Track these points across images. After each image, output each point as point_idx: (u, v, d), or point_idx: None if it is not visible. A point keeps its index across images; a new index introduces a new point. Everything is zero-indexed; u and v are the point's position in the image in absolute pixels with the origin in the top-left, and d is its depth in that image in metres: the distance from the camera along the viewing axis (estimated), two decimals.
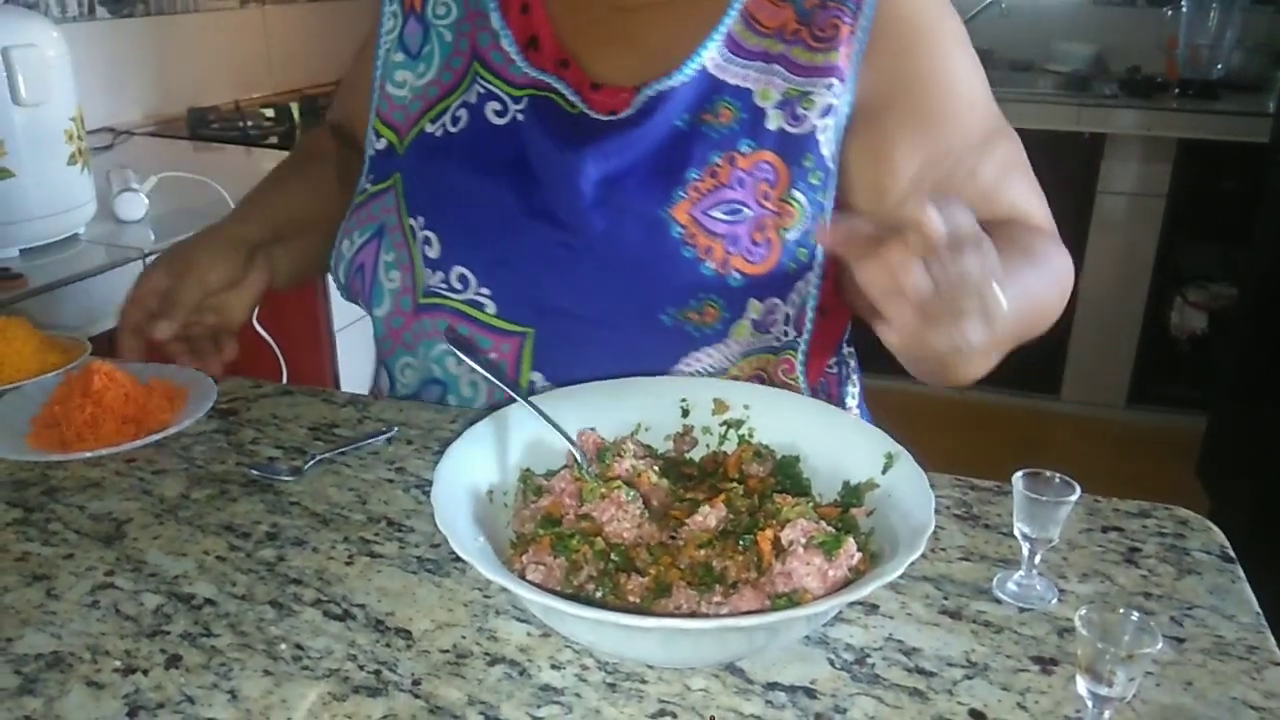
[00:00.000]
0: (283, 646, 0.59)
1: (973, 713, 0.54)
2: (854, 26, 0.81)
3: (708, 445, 0.74)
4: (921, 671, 0.57)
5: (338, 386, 1.90)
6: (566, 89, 0.86)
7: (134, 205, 1.54)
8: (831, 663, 0.58)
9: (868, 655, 0.58)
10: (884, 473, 0.64)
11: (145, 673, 0.57)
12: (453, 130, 0.88)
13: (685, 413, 0.75)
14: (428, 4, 0.91)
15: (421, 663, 0.58)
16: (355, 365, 1.92)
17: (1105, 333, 3.09)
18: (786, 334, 0.83)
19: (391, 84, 0.92)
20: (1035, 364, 3.01)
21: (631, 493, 0.62)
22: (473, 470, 0.65)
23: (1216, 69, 3.08)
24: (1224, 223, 2.90)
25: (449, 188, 0.86)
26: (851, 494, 0.65)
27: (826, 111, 0.81)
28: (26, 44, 1.35)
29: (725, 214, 0.80)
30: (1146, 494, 0.78)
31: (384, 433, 0.84)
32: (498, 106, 0.87)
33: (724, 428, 0.74)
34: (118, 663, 0.57)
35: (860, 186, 0.84)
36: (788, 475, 0.68)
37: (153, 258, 1.43)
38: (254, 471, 0.77)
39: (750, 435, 0.73)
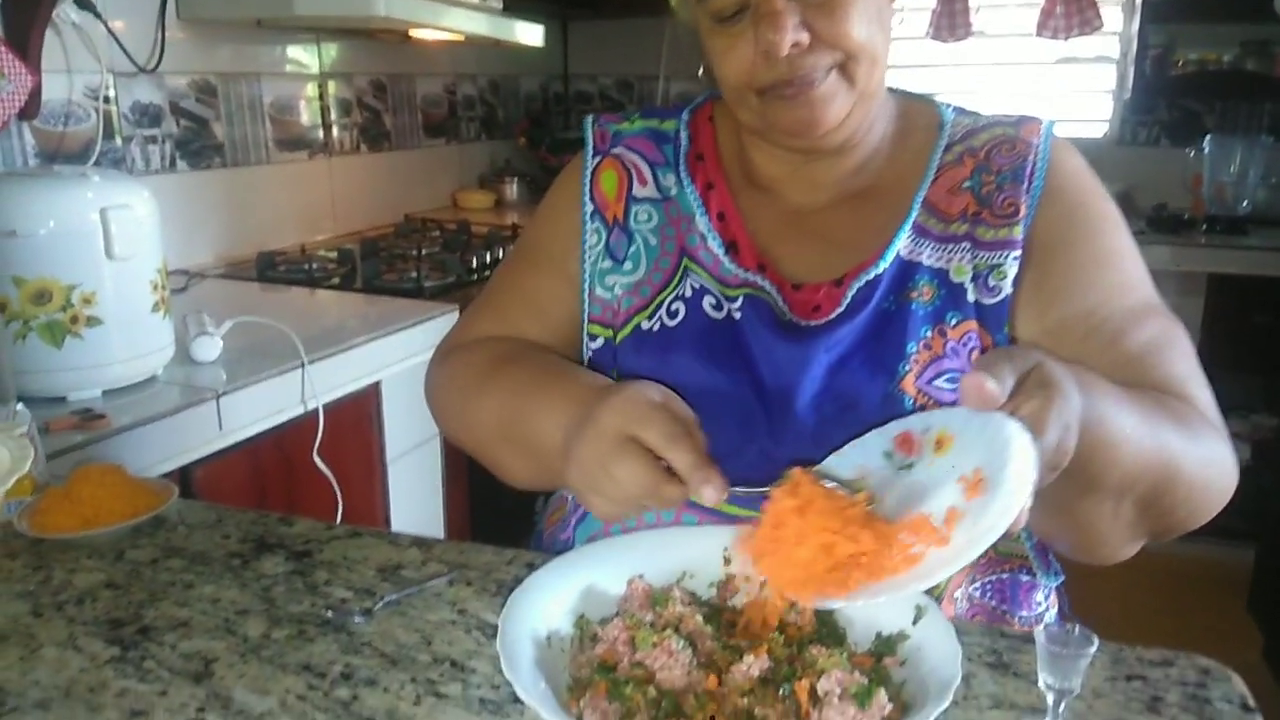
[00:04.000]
0: None
1: None
2: (1028, 200, 0.89)
3: (748, 593, 0.79)
4: None
5: (389, 516, 1.97)
6: (772, 289, 0.92)
7: (209, 348, 1.64)
8: None
9: None
10: (914, 624, 0.69)
11: None
12: (670, 323, 0.93)
13: (727, 561, 0.80)
14: (629, 215, 0.98)
15: None
16: (406, 495, 1.99)
17: None
18: None
19: (601, 288, 0.97)
20: None
21: (682, 641, 0.67)
22: (533, 618, 0.71)
23: (1242, 205, 3.17)
24: (1259, 354, 2.93)
25: (673, 379, 0.87)
26: (884, 645, 0.70)
27: (1017, 280, 0.88)
28: (121, 205, 1.48)
29: (948, 383, 0.86)
30: (1197, 632, 0.81)
31: (446, 574, 0.90)
32: (713, 301, 0.92)
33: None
34: None
35: (1019, 327, 0.89)
36: (825, 623, 0.73)
37: (224, 397, 1.53)
38: (329, 613, 0.83)
39: None
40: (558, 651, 0.71)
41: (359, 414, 1.86)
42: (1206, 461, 0.81)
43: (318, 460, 1.72)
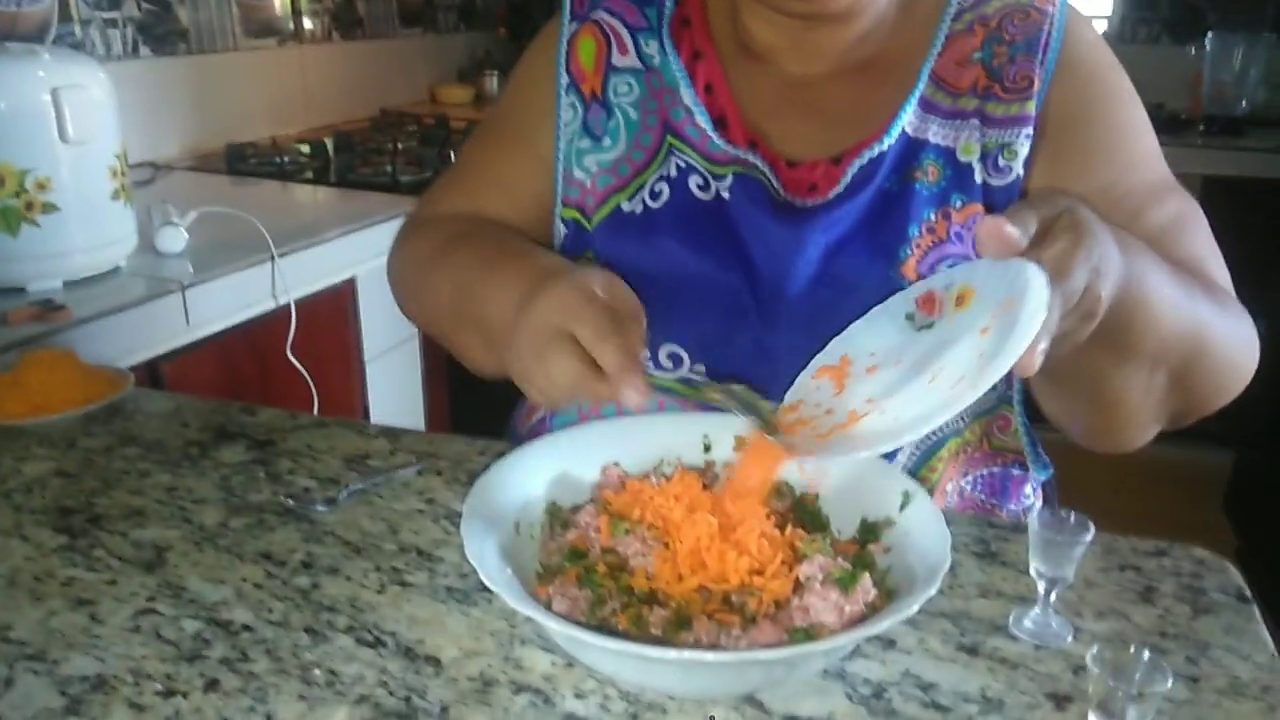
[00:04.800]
0: (316, 672, 0.61)
1: None
2: (1042, 72, 0.82)
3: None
4: (938, 706, 0.58)
5: (368, 416, 1.93)
6: (765, 167, 0.86)
7: (174, 239, 1.58)
8: (849, 696, 0.59)
9: (885, 690, 0.60)
10: (901, 510, 0.66)
11: (185, 696, 0.59)
12: (653, 205, 0.87)
13: (707, 448, 0.76)
14: (608, 87, 0.91)
15: (449, 690, 0.60)
16: (385, 395, 1.95)
17: None
18: (997, 387, 0.85)
19: (579, 169, 0.90)
20: None
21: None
22: (500, 503, 0.67)
23: (1241, 105, 3.09)
24: (1251, 259, 2.88)
25: (655, 265, 0.84)
26: (869, 531, 0.66)
27: (1027, 161, 0.82)
28: (75, 85, 1.40)
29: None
30: (1174, 531, 0.79)
31: (414, 464, 0.86)
32: (700, 181, 0.86)
33: None
34: (159, 686, 0.60)
35: None
36: (806, 512, 0.70)
37: (191, 290, 1.48)
38: (290, 501, 0.80)
39: None
40: (527, 539, 0.68)
41: (334, 310, 1.81)
42: (1234, 335, 0.77)
43: (291, 357, 1.67)
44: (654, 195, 0.87)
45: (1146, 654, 0.52)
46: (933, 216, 0.82)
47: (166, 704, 0.58)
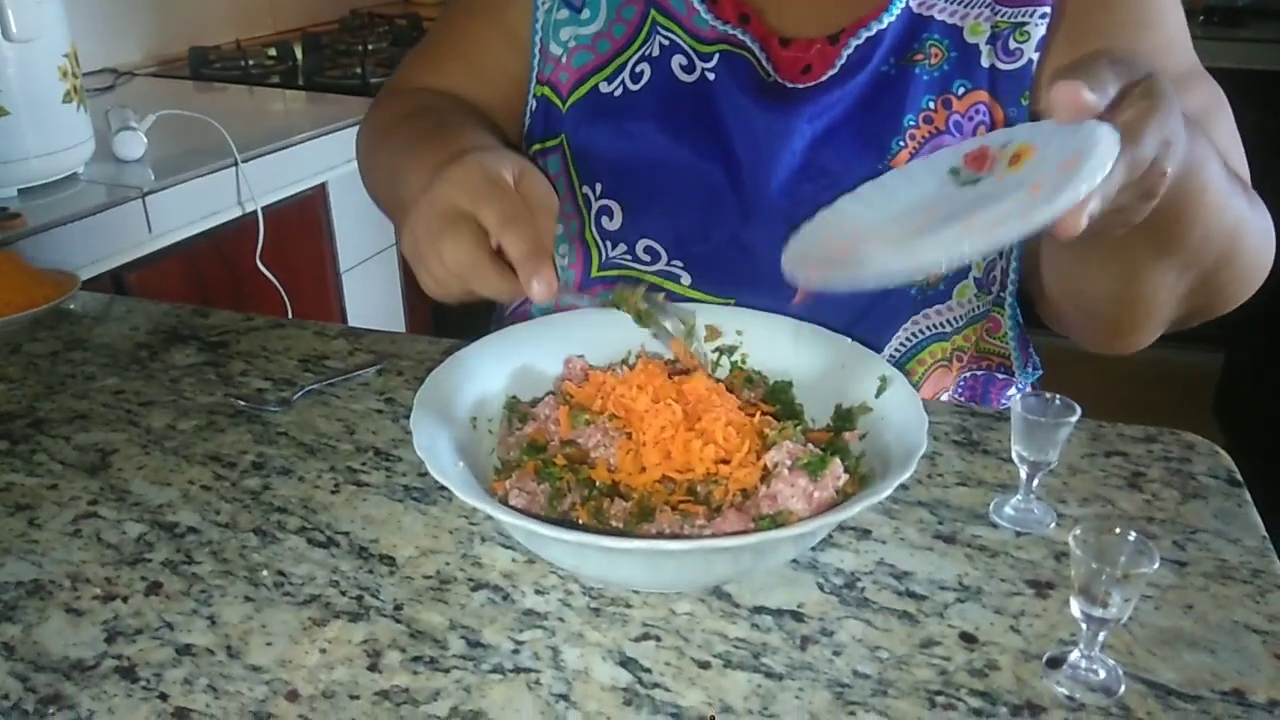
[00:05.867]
0: (264, 573, 0.58)
1: (963, 636, 0.53)
2: None
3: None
4: (912, 595, 0.56)
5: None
6: (755, 45, 0.79)
7: (133, 144, 1.52)
8: (820, 586, 0.56)
9: (858, 579, 0.57)
10: (878, 396, 0.62)
11: (125, 600, 0.56)
12: (634, 88, 0.81)
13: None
14: None
15: (404, 588, 0.57)
16: (364, 307, 1.91)
17: None
18: (992, 290, 0.81)
19: (555, 43, 0.84)
20: None
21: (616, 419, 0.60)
22: (455, 397, 0.64)
23: None
24: (1250, 156, 2.83)
25: (633, 152, 0.79)
26: (843, 418, 0.63)
27: (1041, 43, 0.75)
28: None
29: None
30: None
31: (374, 365, 0.82)
32: (683, 61, 0.80)
33: (716, 354, 0.72)
34: (98, 590, 0.57)
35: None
36: (779, 401, 0.67)
37: (151, 196, 1.42)
38: (241, 403, 0.76)
39: (743, 361, 0.71)
40: (484, 434, 0.65)
41: (305, 218, 1.75)
42: (1261, 235, 0.72)
43: (261, 266, 1.62)
44: (635, 77, 0.81)
45: (1132, 536, 0.49)
46: (932, 104, 0.76)
47: (105, 608, 0.56)
